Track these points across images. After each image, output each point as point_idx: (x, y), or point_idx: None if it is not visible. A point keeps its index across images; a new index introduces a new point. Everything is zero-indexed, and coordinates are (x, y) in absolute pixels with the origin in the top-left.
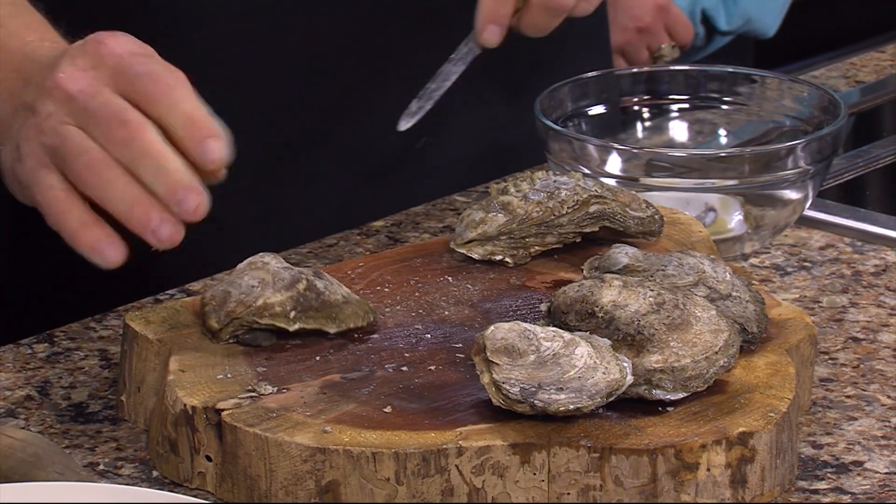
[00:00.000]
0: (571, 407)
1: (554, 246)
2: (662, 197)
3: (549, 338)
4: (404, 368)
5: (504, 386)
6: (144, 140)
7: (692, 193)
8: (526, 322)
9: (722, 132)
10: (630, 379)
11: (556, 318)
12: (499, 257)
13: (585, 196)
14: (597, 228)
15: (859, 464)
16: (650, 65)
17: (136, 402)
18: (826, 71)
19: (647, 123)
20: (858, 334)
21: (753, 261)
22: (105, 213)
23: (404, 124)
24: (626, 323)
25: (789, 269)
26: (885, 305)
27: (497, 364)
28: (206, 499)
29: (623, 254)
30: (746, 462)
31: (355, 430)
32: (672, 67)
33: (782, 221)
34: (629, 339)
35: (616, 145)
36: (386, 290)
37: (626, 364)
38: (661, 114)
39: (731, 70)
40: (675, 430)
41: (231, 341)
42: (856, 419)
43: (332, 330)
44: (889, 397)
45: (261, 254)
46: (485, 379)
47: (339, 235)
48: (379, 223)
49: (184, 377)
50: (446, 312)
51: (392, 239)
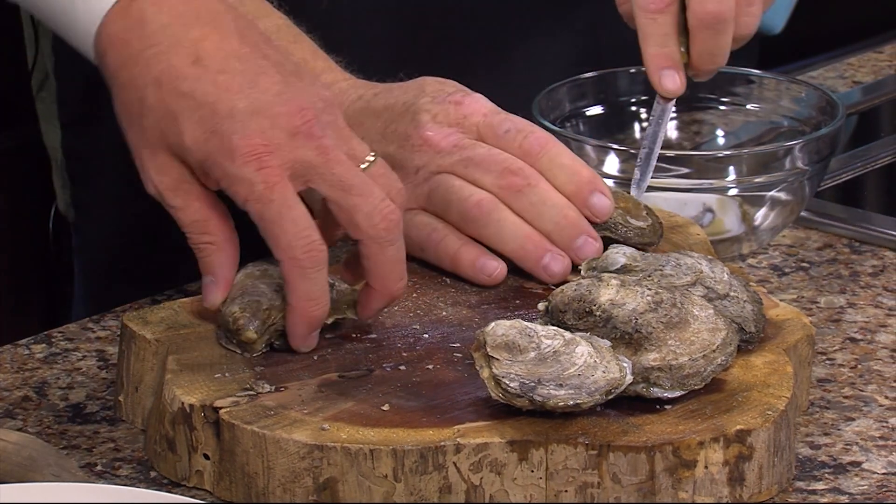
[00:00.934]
0: (571, 403)
1: None
2: (660, 198)
3: (550, 336)
4: (402, 367)
5: (503, 380)
6: (541, 187)
7: (690, 194)
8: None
9: (720, 132)
10: (630, 378)
11: (554, 316)
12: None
13: None
14: None
15: (857, 464)
16: None
17: (134, 402)
18: (824, 71)
19: (645, 124)
20: (856, 335)
21: (751, 261)
22: None
23: (636, 193)
24: (624, 321)
25: (787, 270)
26: (883, 306)
27: (497, 359)
28: (203, 497)
29: (621, 254)
30: (744, 460)
31: (353, 427)
32: None
33: (780, 222)
34: (627, 338)
35: (614, 146)
36: None
37: (626, 364)
38: None
39: (729, 70)
40: (672, 428)
41: (265, 349)
42: (853, 420)
43: (354, 315)
44: (887, 398)
45: (250, 264)
46: (484, 374)
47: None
48: None
49: (181, 376)
50: (444, 313)
51: None
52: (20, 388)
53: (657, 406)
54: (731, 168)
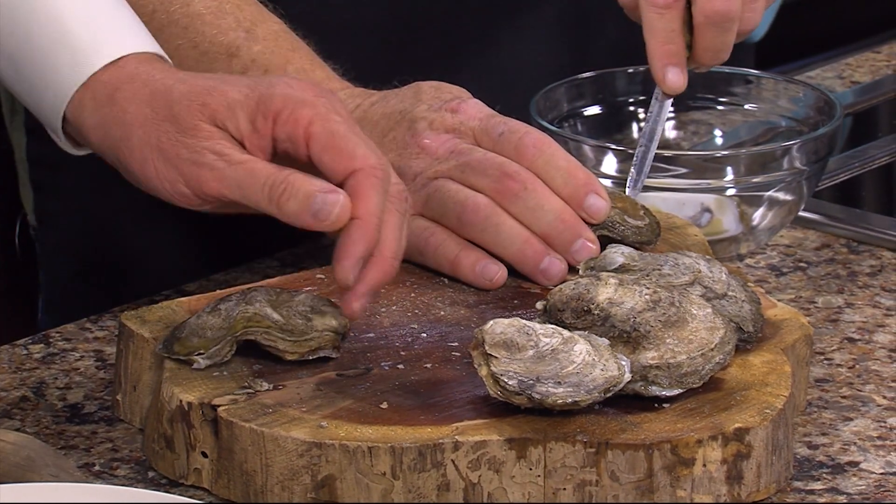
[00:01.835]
0: (569, 400)
1: None
2: (658, 198)
3: (548, 334)
4: (400, 366)
5: (502, 378)
6: (538, 191)
7: (688, 194)
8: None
9: (717, 133)
10: (628, 377)
11: (552, 315)
12: None
13: None
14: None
15: (855, 464)
16: None
17: (132, 402)
18: (822, 71)
19: (643, 124)
20: (854, 335)
21: (749, 261)
22: None
23: (632, 192)
24: (622, 320)
25: (785, 270)
26: (881, 306)
27: (495, 357)
28: (201, 496)
29: (619, 253)
30: (742, 458)
31: (351, 425)
32: None
33: (778, 222)
34: (625, 337)
35: (612, 146)
36: (382, 290)
37: (624, 363)
38: None
39: (726, 70)
40: (671, 426)
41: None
42: (851, 420)
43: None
44: (885, 398)
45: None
46: (482, 372)
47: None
48: None
49: (179, 374)
50: (442, 312)
51: None
52: (18, 389)
53: (655, 404)
54: (729, 168)
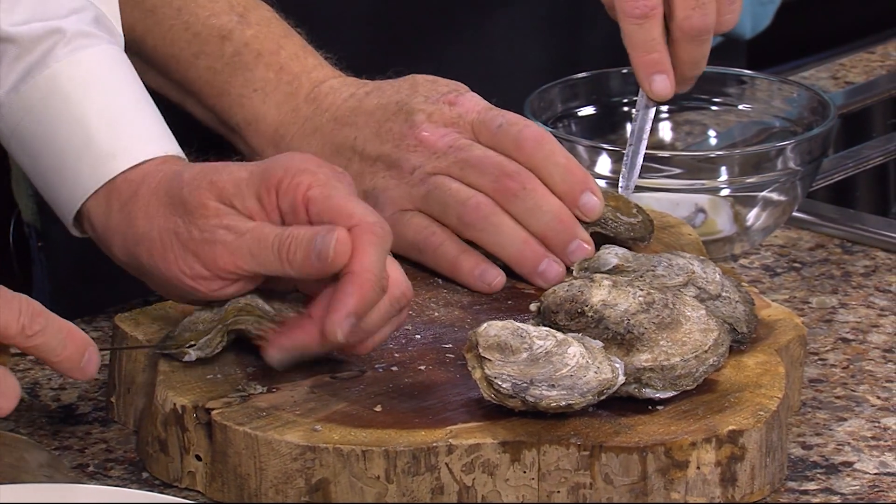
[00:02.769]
0: (563, 403)
1: None
2: (652, 198)
3: (542, 336)
4: (394, 368)
5: (496, 381)
6: (537, 191)
7: (682, 194)
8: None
9: (712, 133)
10: (622, 379)
11: (545, 317)
12: None
13: None
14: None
15: (849, 464)
16: None
17: (126, 403)
18: (815, 72)
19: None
20: (848, 335)
21: (743, 262)
22: None
23: (625, 191)
24: (616, 322)
25: (779, 270)
26: (875, 306)
27: (489, 360)
28: (195, 498)
29: (613, 254)
30: (736, 460)
31: (345, 428)
32: None
33: (772, 222)
34: (619, 339)
35: (606, 146)
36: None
37: (618, 365)
38: None
39: (720, 71)
40: (664, 428)
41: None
42: (845, 420)
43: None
44: (878, 398)
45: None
46: (476, 374)
47: None
48: None
49: (173, 377)
50: (436, 314)
51: None
52: None
53: (649, 407)
54: (723, 168)
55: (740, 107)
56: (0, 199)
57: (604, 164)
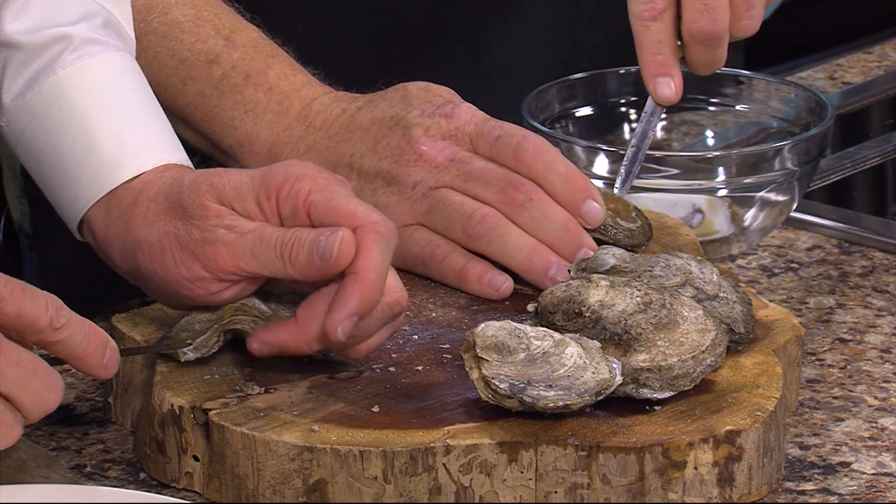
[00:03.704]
0: (560, 404)
1: None
2: (650, 199)
3: (540, 337)
4: (392, 369)
5: (493, 381)
6: (543, 202)
7: (679, 195)
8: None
9: (709, 133)
10: (619, 379)
11: (543, 317)
12: None
13: None
14: None
15: (846, 465)
16: None
17: (124, 404)
18: (813, 72)
19: (635, 125)
20: (845, 335)
21: (740, 262)
22: None
23: (623, 191)
24: (613, 322)
25: (776, 271)
26: (872, 306)
27: (486, 360)
28: (192, 499)
29: (610, 255)
30: (734, 461)
31: (343, 429)
32: None
33: (769, 223)
34: (616, 339)
35: (603, 147)
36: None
37: (615, 365)
38: None
39: (718, 71)
40: (662, 429)
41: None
42: (843, 420)
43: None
44: (876, 398)
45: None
46: (474, 375)
47: None
48: None
49: (171, 377)
50: (434, 314)
51: None
52: None
53: (647, 407)
54: (721, 169)
55: (738, 107)
56: None
57: (601, 165)
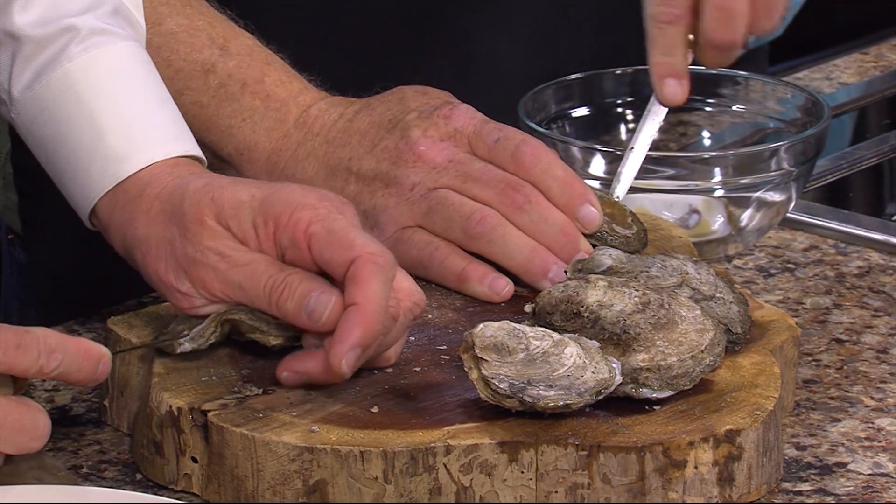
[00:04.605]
0: (560, 403)
1: None
2: (646, 199)
3: (539, 337)
4: (389, 370)
5: (493, 381)
6: (541, 204)
7: (676, 195)
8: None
9: (706, 134)
10: (619, 379)
11: (541, 318)
12: None
13: None
14: None
15: (843, 465)
16: None
17: (120, 407)
18: (809, 73)
19: (631, 125)
20: (842, 336)
21: (737, 262)
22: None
23: (620, 193)
24: (612, 322)
25: (773, 271)
26: (869, 307)
27: (486, 360)
28: (190, 500)
29: (607, 255)
30: (734, 460)
31: (343, 429)
32: None
33: (766, 223)
34: (615, 339)
35: (600, 147)
36: None
37: (615, 365)
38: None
39: (714, 72)
40: (662, 428)
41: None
42: (839, 420)
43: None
44: (872, 399)
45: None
46: (473, 375)
47: None
48: None
49: (169, 379)
50: (430, 316)
51: None
52: None
53: (646, 407)
54: (717, 169)
55: (734, 107)
56: None
57: (598, 165)
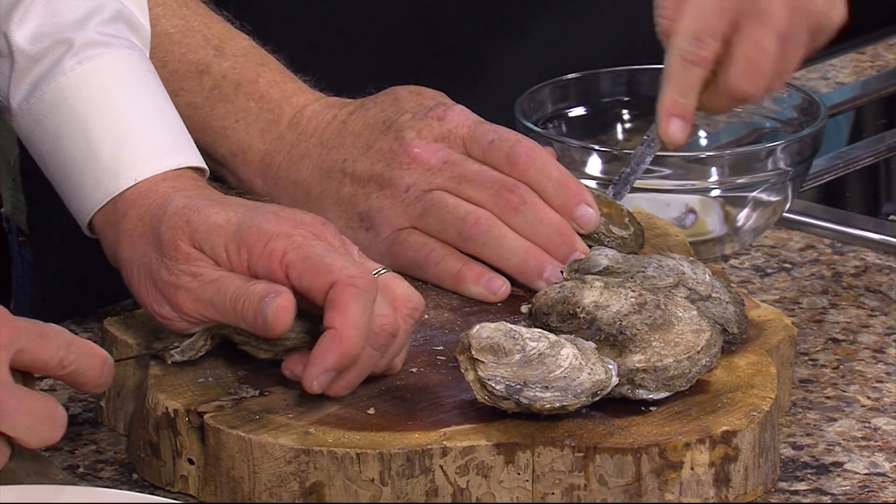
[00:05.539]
0: (557, 405)
1: None
2: (642, 199)
3: (535, 338)
4: None
5: (489, 383)
6: (536, 205)
7: (672, 195)
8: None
9: (702, 133)
10: (615, 380)
11: (537, 319)
12: None
13: None
14: None
15: (839, 465)
16: None
17: (116, 408)
18: (806, 72)
19: (628, 125)
20: (838, 335)
21: (733, 262)
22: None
23: (618, 198)
24: (608, 323)
25: (769, 271)
26: (865, 306)
27: (482, 362)
28: (187, 502)
29: (603, 256)
30: (730, 461)
31: (339, 431)
32: (653, 67)
33: (762, 223)
34: (611, 340)
35: (596, 147)
36: None
37: (611, 366)
38: (641, 115)
39: None
40: (658, 429)
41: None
42: (836, 420)
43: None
44: (869, 398)
45: None
46: (469, 376)
47: None
48: None
49: (164, 381)
50: (426, 316)
51: None
52: None
53: (642, 408)
54: (714, 169)
55: None
56: None
57: (594, 165)
